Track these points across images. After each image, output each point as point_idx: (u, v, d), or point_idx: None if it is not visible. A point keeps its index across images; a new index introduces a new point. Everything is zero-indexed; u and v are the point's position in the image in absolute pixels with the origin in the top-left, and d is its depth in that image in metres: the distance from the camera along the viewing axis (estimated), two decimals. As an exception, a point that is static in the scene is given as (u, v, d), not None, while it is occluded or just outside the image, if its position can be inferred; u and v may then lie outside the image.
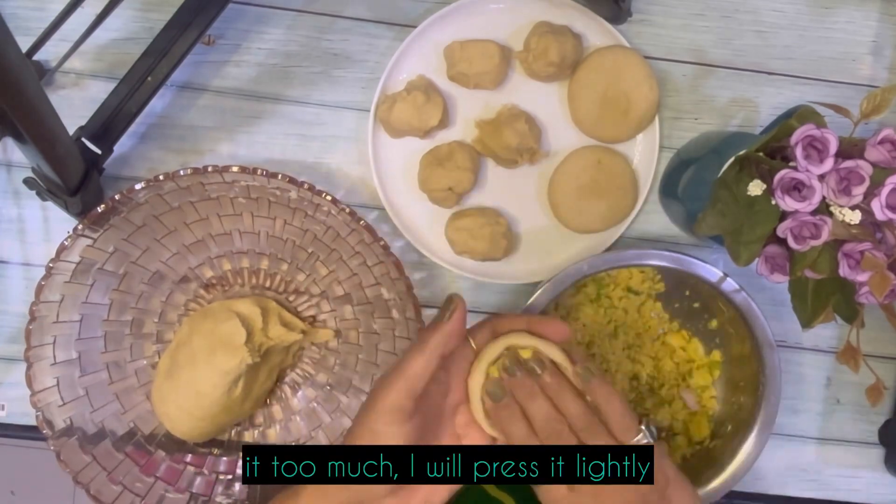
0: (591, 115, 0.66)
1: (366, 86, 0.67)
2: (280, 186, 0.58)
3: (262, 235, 0.63)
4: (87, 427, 0.60)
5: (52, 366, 0.59)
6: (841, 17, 0.69)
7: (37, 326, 0.58)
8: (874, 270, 0.49)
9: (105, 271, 0.60)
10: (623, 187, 0.66)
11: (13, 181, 0.66)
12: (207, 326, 0.61)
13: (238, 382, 0.60)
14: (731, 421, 0.64)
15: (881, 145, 0.49)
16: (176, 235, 0.62)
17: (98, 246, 0.59)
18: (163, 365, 0.62)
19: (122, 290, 0.62)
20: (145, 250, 0.62)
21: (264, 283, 0.65)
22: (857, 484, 0.71)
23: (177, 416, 0.60)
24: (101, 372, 0.62)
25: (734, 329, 0.63)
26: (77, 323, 0.60)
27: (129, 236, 0.60)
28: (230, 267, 0.65)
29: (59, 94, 0.65)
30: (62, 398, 0.59)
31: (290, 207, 0.61)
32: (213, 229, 0.63)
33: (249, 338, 0.60)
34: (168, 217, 0.61)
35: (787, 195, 0.50)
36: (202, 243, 0.63)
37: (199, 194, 0.60)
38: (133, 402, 0.63)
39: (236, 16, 0.66)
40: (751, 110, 0.69)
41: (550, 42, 0.63)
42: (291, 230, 0.63)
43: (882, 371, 0.59)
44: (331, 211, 0.59)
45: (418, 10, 0.66)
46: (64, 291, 0.59)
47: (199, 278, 0.64)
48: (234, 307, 0.62)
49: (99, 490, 0.58)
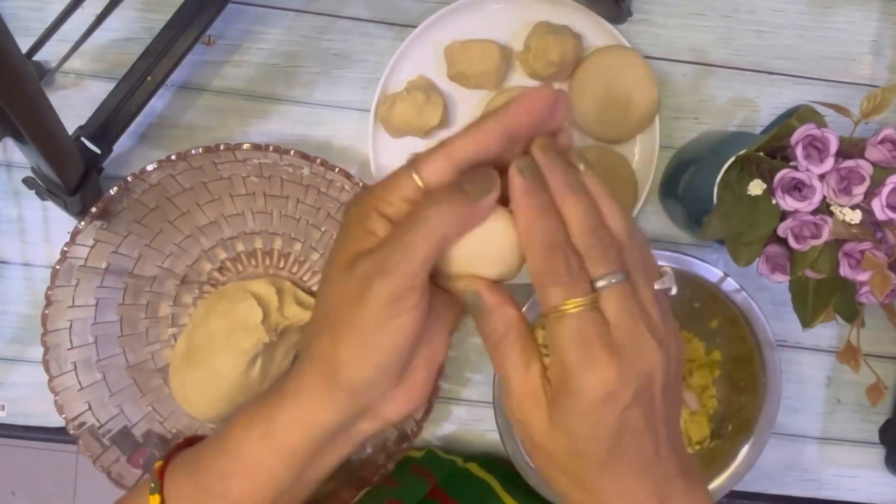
0: (591, 115, 0.66)
1: (366, 86, 0.67)
2: (292, 163, 0.58)
3: (274, 215, 0.63)
4: (106, 411, 0.60)
5: (68, 350, 0.59)
6: (841, 16, 0.69)
7: (53, 311, 0.57)
8: (875, 270, 0.49)
9: (119, 254, 0.60)
10: (623, 187, 0.66)
11: (13, 181, 0.66)
12: (223, 307, 0.61)
13: (256, 362, 0.60)
14: (732, 421, 0.64)
15: (881, 145, 0.49)
16: (189, 217, 0.62)
17: (112, 229, 0.59)
18: (179, 348, 0.62)
19: (136, 273, 0.62)
20: (158, 233, 0.61)
21: (278, 263, 0.65)
22: (858, 484, 0.71)
23: (196, 398, 0.61)
24: (118, 356, 0.62)
25: (734, 329, 0.63)
26: (93, 307, 0.60)
27: (142, 218, 0.60)
28: (243, 248, 0.65)
29: (59, 94, 0.65)
30: (80, 382, 0.59)
31: (303, 185, 0.61)
32: (225, 210, 0.63)
33: (266, 317, 0.60)
34: (181, 198, 0.61)
35: (787, 195, 0.50)
36: (215, 224, 0.63)
37: (212, 174, 0.60)
38: (151, 387, 0.63)
39: (236, 16, 0.66)
40: (751, 110, 0.69)
41: (550, 42, 0.63)
42: (304, 208, 0.63)
43: (882, 371, 0.59)
44: (344, 186, 0.59)
45: (418, 10, 0.66)
46: (79, 276, 0.59)
47: (213, 260, 0.64)
48: (250, 287, 0.62)
49: (120, 473, 0.58)
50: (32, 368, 0.66)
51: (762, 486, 0.70)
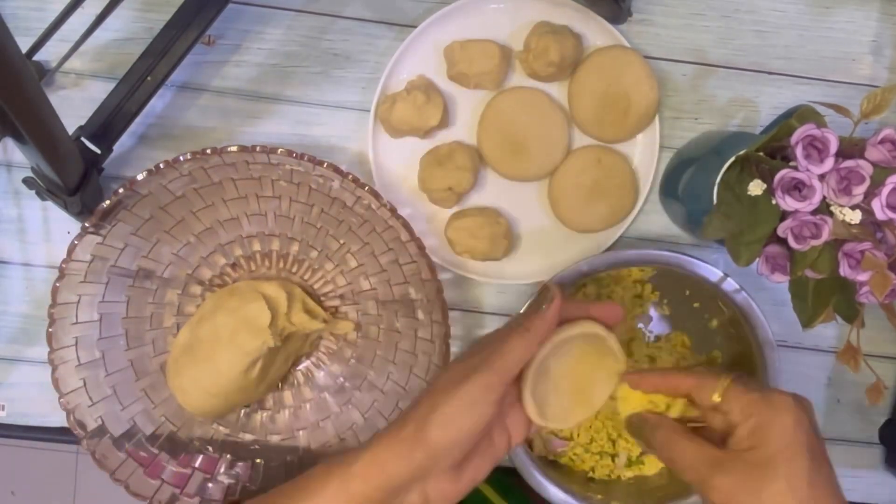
0: (591, 115, 0.66)
1: (366, 86, 0.67)
2: (323, 174, 0.58)
3: (296, 221, 0.63)
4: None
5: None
6: (841, 16, 0.69)
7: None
8: (875, 270, 0.49)
9: (137, 237, 0.60)
10: (623, 187, 0.66)
11: (13, 181, 0.66)
12: (233, 304, 0.61)
13: (256, 364, 0.60)
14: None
15: (881, 145, 0.49)
16: (211, 210, 0.62)
17: (127, 221, 0.59)
18: (182, 338, 0.62)
19: (150, 257, 0.62)
20: (180, 221, 0.62)
21: (291, 267, 0.65)
22: (857, 484, 0.71)
23: (191, 391, 0.61)
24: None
25: (734, 329, 0.63)
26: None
27: (165, 206, 0.60)
28: (259, 248, 0.65)
29: (59, 94, 0.65)
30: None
31: (330, 196, 0.61)
32: (249, 208, 0.63)
33: (273, 321, 0.60)
34: (207, 191, 0.61)
35: (787, 195, 0.50)
36: (236, 221, 0.63)
37: (243, 173, 0.60)
38: (147, 371, 0.63)
39: (236, 16, 0.66)
40: (751, 110, 0.69)
41: (550, 42, 0.63)
42: (326, 218, 0.63)
43: (882, 371, 0.59)
44: (371, 204, 0.59)
45: (418, 10, 0.66)
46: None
47: (228, 255, 0.64)
48: (261, 288, 0.62)
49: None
50: (32, 368, 0.66)
51: (762, 486, 0.70)
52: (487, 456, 0.48)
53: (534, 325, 0.47)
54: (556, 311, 0.48)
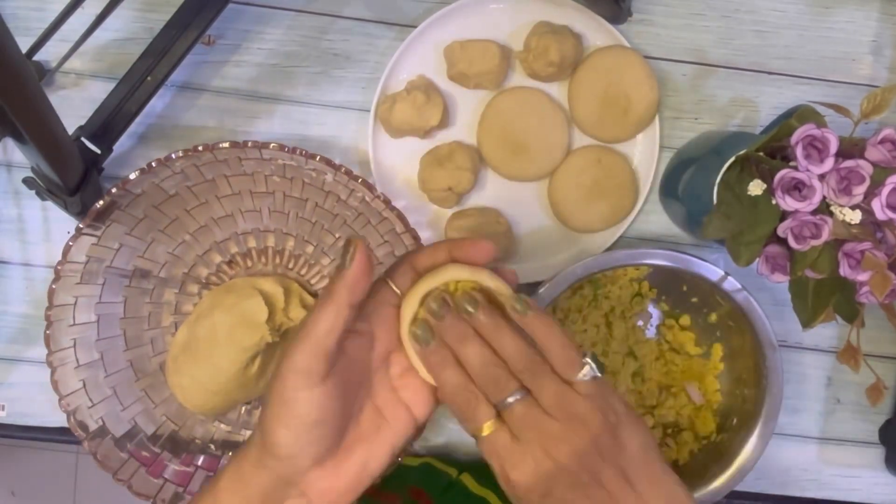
0: (591, 115, 0.66)
1: (366, 86, 0.67)
2: (316, 168, 0.58)
3: (290, 216, 0.63)
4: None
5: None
6: (841, 17, 0.69)
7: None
8: (874, 270, 0.49)
9: (132, 236, 0.60)
10: (623, 187, 0.66)
11: (13, 181, 0.66)
12: (230, 301, 0.61)
13: (255, 360, 0.61)
14: (737, 414, 0.64)
15: (881, 145, 0.49)
16: (206, 207, 0.62)
17: (122, 220, 0.58)
18: (180, 337, 0.62)
19: (146, 257, 0.62)
20: (174, 220, 0.61)
21: (287, 263, 0.65)
22: (857, 484, 0.71)
23: (191, 388, 0.61)
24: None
25: (734, 322, 0.63)
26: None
27: (159, 204, 0.60)
28: (255, 244, 0.65)
29: (59, 94, 0.65)
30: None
31: (324, 190, 0.61)
32: (243, 205, 0.63)
33: (271, 317, 0.60)
34: (200, 188, 0.60)
35: (787, 195, 0.50)
36: (231, 218, 0.63)
37: (235, 169, 0.60)
38: (146, 371, 0.63)
39: (236, 16, 0.66)
40: (751, 110, 0.69)
41: (550, 42, 0.63)
42: (321, 213, 0.63)
43: (882, 371, 0.59)
44: (365, 197, 0.59)
45: (418, 10, 0.66)
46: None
47: (224, 252, 0.64)
48: (258, 285, 0.62)
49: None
50: (32, 368, 0.66)
51: (762, 487, 0.70)
52: (379, 439, 0.44)
53: (335, 289, 0.41)
54: (362, 267, 0.42)
